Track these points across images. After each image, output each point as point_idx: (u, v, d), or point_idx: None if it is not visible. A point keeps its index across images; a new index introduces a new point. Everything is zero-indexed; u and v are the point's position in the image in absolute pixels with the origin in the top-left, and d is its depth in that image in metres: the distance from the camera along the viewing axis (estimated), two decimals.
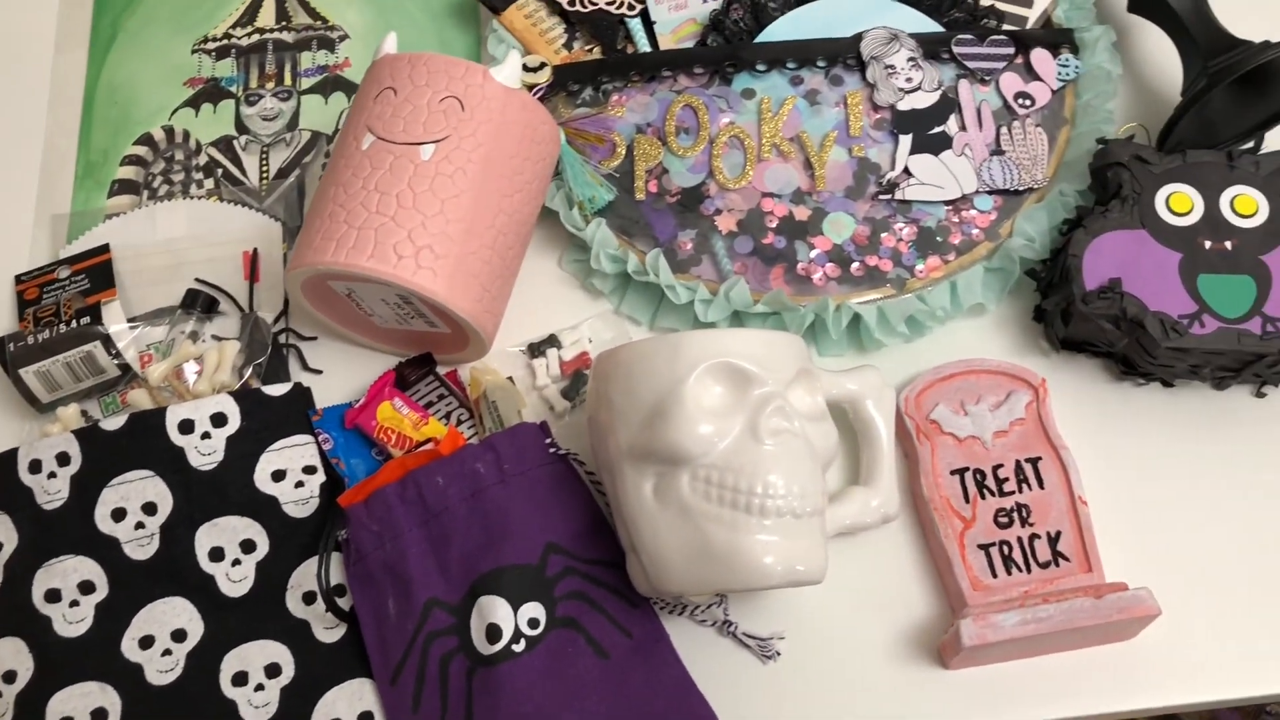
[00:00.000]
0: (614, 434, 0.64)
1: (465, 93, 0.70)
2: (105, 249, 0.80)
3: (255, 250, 0.80)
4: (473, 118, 0.70)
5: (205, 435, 0.70)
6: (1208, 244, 0.71)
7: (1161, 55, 0.84)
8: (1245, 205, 0.72)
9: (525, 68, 0.82)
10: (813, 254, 0.76)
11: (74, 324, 0.75)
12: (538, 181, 0.74)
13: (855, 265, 0.76)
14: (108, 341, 0.74)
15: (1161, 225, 0.72)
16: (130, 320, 0.77)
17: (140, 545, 0.69)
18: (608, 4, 0.84)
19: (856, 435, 0.72)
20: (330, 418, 0.73)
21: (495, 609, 0.64)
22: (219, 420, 0.71)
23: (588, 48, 0.84)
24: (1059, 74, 0.81)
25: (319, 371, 0.77)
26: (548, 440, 0.70)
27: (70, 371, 0.74)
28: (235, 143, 0.85)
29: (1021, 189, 0.78)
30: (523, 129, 0.72)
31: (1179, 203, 0.73)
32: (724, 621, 0.68)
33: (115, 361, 0.74)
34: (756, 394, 0.62)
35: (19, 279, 0.80)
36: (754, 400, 0.62)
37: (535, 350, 0.76)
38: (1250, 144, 0.76)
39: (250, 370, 0.75)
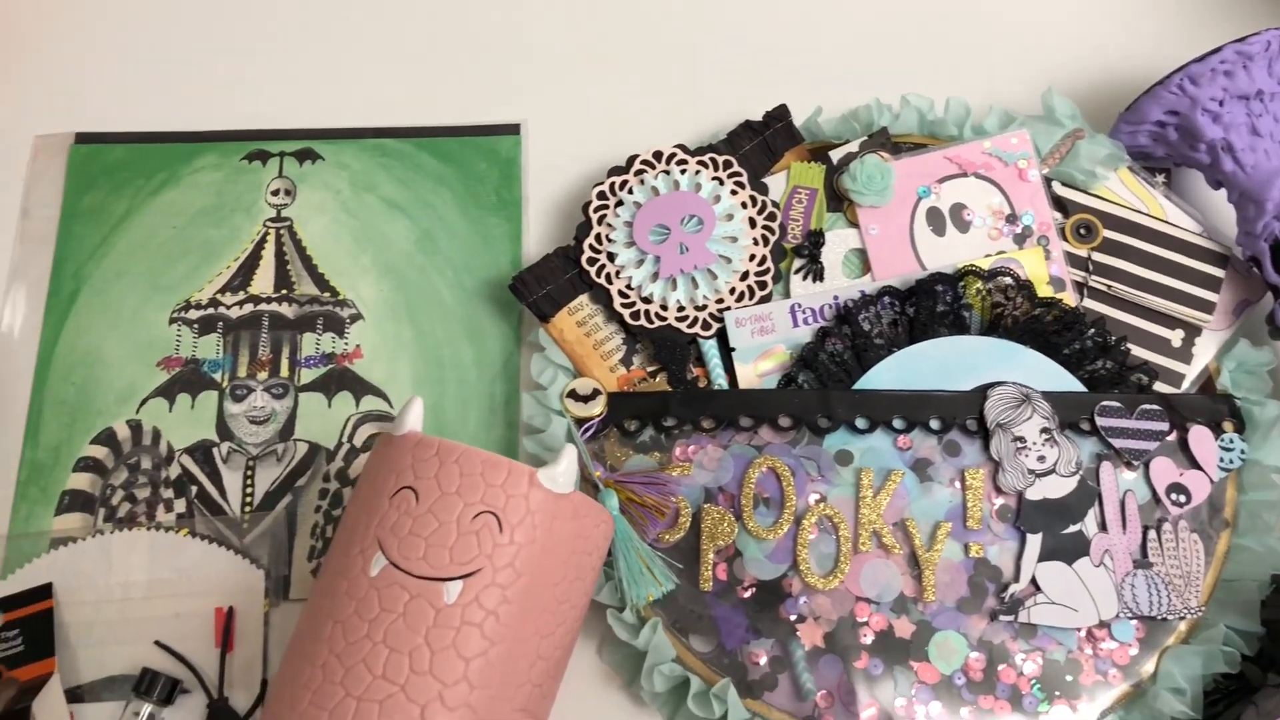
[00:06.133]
0: None
1: (505, 506, 0.55)
2: (47, 592, 0.65)
3: (231, 610, 0.66)
4: (512, 540, 0.55)
5: None
6: None
7: None
8: None
9: (575, 394, 0.68)
10: (914, 689, 0.62)
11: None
12: (585, 599, 0.59)
13: (967, 709, 0.62)
14: None
15: None
16: (72, 696, 0.63)
17: None
18: (678, 318, 0.69)
19: None
20: None
21: None
22: None
23: (649, 369, 0.70)
24: (1221, 459, 0.67)
25: None
26: None
27: None
28: (215, 451, 0.70)
29: (1172, 618, 0.64)
30: (572, 543, 0.57)
31: None
32: None
33: None
34: None
35: None
36: None
37: None
38: None
39: None
